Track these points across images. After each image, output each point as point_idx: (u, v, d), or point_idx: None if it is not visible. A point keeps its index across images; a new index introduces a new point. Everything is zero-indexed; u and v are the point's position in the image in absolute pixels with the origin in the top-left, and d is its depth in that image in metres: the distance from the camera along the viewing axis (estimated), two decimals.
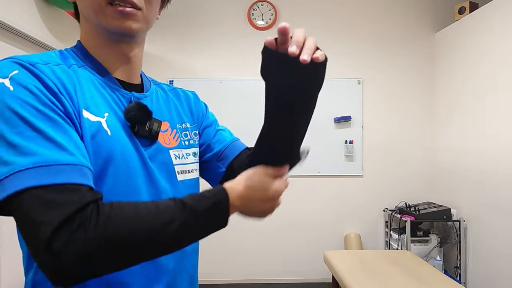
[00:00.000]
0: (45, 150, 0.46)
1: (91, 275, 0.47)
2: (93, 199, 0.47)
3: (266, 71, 0.56)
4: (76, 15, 0.67)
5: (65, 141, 0.49)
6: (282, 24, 0.51)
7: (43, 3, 2.27)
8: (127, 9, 0.60)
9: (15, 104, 0.47)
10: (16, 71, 0.50)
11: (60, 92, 0.53)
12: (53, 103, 0.51)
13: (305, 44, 0.52)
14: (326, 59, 0.55)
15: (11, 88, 0.48)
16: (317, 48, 0.54)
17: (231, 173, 0.75)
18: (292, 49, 0.50)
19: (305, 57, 0.50)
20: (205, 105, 0.86)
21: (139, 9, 0.61)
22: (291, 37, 0.53)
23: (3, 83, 0.49)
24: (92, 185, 0.50)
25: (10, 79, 0.49)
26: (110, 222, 0.46)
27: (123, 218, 0.47)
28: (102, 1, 0.59)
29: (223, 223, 0.56)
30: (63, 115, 0.51)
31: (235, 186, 0.58)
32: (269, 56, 0.55)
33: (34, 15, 2.20)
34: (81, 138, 0.54)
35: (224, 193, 0.56)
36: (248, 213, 0.61)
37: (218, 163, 0.77)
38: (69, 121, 0.52)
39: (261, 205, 0.60)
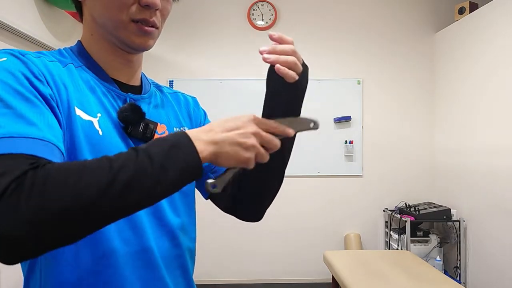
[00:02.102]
0: (12, 124, 0.46)
1: (34, 249, 0.42)
2: (35, 166, 0.42)
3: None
4: (80, 15, 0.67)
5: (36, 118, 0.48)
6: (270, 33, 0.60)
7: (43, 3, 2.27)
8: (150, 29, 0.62)
9: None
10: (4, 59, 0.52)
11: (46, 80, 0.54)
12: (34, 86, 0.51)
13: (278, 53, 0.59)
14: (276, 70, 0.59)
15: None
16: (299, 65, 0.61)
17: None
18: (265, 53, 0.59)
19: (265, 55, 0.58)
20: (204, 112, 0.85)
21: (157, 28, 0.64)
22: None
23: None
24: (56, 160, 0.47)
25: None
26: (46, 183, 0.41)
27: (63, 177, 0.42)
28: (127, 19, 0.60)
29: (192, 168, 0.49)
30: (41, 99, 0.51)
31: (205, 127, 0.53)
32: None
33: (34, 15, 2.20)
34: (72, 132, 0.55)
35: (185, 135, 0.50)
36: (222, 159, 0.53)
37: (211, 174, 0.75)
38: (46, 105, 0.52)
39: (229, 148, 0.52)
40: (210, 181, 0.53)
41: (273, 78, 0.63)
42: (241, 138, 0.52)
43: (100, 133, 0.58)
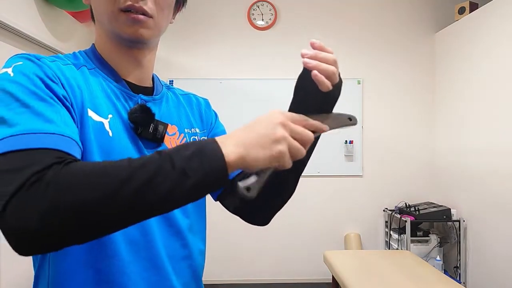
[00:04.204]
0: (31, 121, 0.47)
1: (47, 243, 0.42)
2: (60, 161, 0.44)
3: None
4: (93, 18, 0.69)
5: (53, 116, 0.49)
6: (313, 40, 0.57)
7: (43, 3, 2.27)
8: (140, 16, 0.61)
9: (11, 87, 0.50)
10: (20, 62, 0.54)
11: (61, 82, 0.55)
12: (48, 88, 0.52)
13: (320, 60, 0.56)
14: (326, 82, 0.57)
15: (12, 75, 0.51)
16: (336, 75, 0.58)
17: (231, 188, 0.73)
18: (306, 56, 0.56)
19: (305, 60, 0.55)
20: (216, 114, 0.85)
21: (151, 17, 0.62)
22: None
23: (6, 72, 0.52)
24: (76, 155, 0.48)
25: (13, 68, 0.52)
26: (66, 179, 0.42)
27: (83, 174, 0.42)
28: (115, 8, 0.60)
29: (216, 173, 0.46)
30: (56, 98, 0.52)
31: (230, 133, 0.51)
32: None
33: (34, 15, 2.20)
34: (84, 133, 0.56)
35: (212, 140, 0.48)
36: (252, 160, 0.48)
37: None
38: (62, 105, 0.53)
39: (258, 146, 0.48)
40: (243, 184, 0.48)
41: (305, 84, 0.60)
42: (268, 131, 0.48)
43: (110, 134, 0.59)
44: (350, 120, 0.55)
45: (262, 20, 3.39)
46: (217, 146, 0.47)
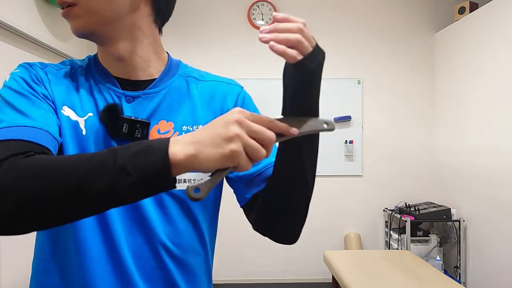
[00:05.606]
0: (11, 118, 0.53)
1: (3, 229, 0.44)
2: (20, 152, 0.46)
3: None
4: None
5: (32, 112, 0.55)
6: (274, 14, 0.51)
7: (43, 3, 2.27)
8: (63, 10, 0.60)
9: (3, 90, 0.58)
10: (17, 70, 0.61)
11: (43, 83, 0.61)
12: (31, 87, 0.59)
13: (279, 31, 0.50)
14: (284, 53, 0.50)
15: (7, 80, 0.59)
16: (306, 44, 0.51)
17: (254, 202, 0.67)
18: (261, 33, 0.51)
19: (260, 35, 0.50)
20: (245, 102, 0.77)
21: (73, 4, 0.58)
22: None
23: (5, 79, 0.60)
24: (48, 146, 0.52)
25: (11, 74, 0.60)
26: (17, 171, 0.44)
27: (33, 169, 0.44)
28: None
29: (157, 172, 0.44)
30: (39, 96, 0.58)
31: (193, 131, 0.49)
32: None
33: (34, 15, 2.20)
34: (62, 130, 0.60)
35: (165, 139, 0.46)
36: (203, 159, 0.45)
37: (245, 188, 0.67)
38: (44, 101, 0.59)
39: (210, 144, 0.45)
40: (191, 184, 0.45)
41: (285, 74, 0.57)
42: (222, 129, 0.45)
43: (84, 132, 0.60)
44: (327, 125, 0.51)
45: (262, 20, 3.39)
46: (166, 145, 0.45)
